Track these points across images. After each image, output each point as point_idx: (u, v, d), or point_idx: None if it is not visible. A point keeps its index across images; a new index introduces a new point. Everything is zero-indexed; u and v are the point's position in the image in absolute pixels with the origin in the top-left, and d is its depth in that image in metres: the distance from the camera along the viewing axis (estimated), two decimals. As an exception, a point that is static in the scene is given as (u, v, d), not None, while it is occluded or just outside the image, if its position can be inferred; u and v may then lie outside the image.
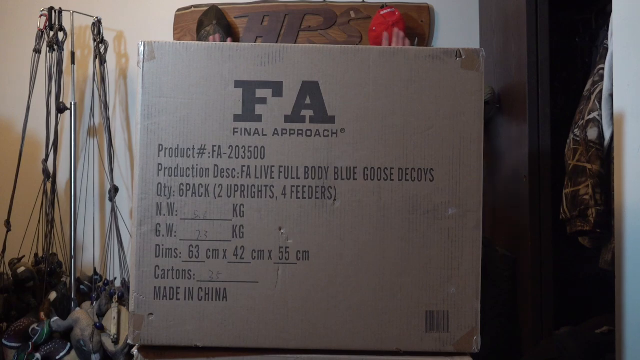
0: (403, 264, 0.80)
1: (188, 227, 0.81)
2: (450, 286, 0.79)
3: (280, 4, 2.32)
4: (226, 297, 0.80)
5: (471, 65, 0.82)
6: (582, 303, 1.88)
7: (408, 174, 0.80)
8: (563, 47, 1.92)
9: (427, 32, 2.31)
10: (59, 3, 2.21)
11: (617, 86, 1.22)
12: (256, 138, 0.81)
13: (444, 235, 0.79)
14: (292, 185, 0.81)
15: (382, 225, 0.80)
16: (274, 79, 0.82)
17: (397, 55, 0.82)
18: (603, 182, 1.49)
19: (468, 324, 0.79)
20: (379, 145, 0.81)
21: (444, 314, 0.79)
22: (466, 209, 0.79)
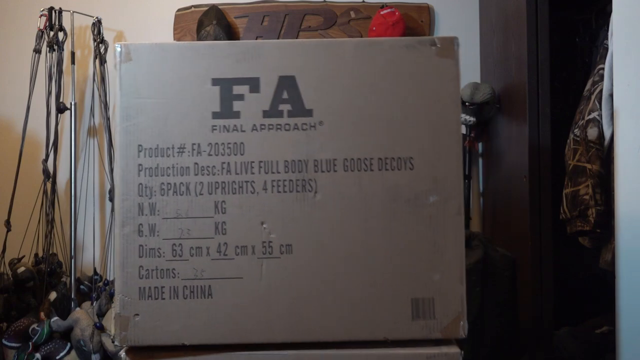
0: (386, 253, 0.80)
1: (170, 226, 0.81)
2: (435, 273, 0.79)
3: (280, 4, 2.32)
4: (211, 294, 0.80)
5: (447, 53, 0.84)
6: (582, 303, 1.88)
7: (388, 163, 0.80)
8: (563, 47, 1.92)
9: (427, 32, 2.31)
10: (59, 3, 2.21)
11: (617, 86, 1.22)
12: (235, 134, 0.81)
13: (426, 223, 0.79)
14: (272, 180, 0.81)
15: (363, 216, 0.80)
16: (250, 75, 0.82)
17: (373, 47, 0.83)
18: (603, 182, 1.49)
19: (454, 310, 0.79)
20: (357, 136, 0.81)
21: (429, 301, 0.79)
22: (447, 196, 0.80)
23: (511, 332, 1.89)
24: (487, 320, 1.84)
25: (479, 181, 2.32)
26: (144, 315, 0.80)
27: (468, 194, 2.22)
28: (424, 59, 0.82)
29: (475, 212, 2.28)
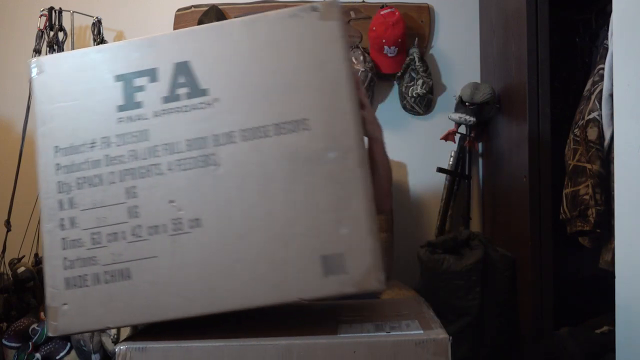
0: (291, 215, 0.81)
1: (88, 217, 0.86)
2: (342, 227, 0.80)
3: (280, 4, 2.32)
4: (130, 276, 0.84)
5: (329, 16, 0.85)
6: (582, 303, 1.88)
7: (283, 127, 0.83)
8: (563, 47, 1.92)
9: (427, 32, 2.31)
10: (59, 3, 2.21)
11: (617, 86, 1.22)
12: (139, 123, 0.87)
13: (327, 179, 0.81)
14: (176, 160, 0.85)
15: (265, 182, 0.82)
16: (149, 67, 0.88)
17: (258, 22, 0.87)
18: (603, 182, 1.49)
19: (366, 262, 0.79)
20: (252, 106, 0.84)
21: (339, 256, 0.79)
22: (346, 150, 0.81)
23: (511, 332, 1.89)
24: (487, 320, 1.84)
25: (479, 181, 2.32)
26: (71, 304, 0.85)
27: (468, 194, 2.22)
28: (307, 25, 0.85)
29: (475, 212, 2.28)
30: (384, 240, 2.03)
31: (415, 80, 2.22)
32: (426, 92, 2.23)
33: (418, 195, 2.32)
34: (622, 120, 1.18)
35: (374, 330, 0.84)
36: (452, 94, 2.27)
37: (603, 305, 1.62)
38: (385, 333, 0.83)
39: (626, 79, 1.16)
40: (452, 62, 2.33)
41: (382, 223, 2.03)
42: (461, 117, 2.09)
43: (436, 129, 2.26)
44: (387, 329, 0.85)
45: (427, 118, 2.32)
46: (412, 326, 0.85)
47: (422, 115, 2.30)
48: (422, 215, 2.31)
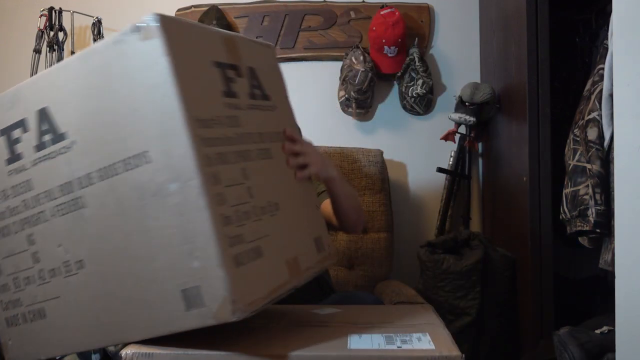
0: (150, 251, 0.81)
1: (8, 264, 0.94)
2: (194, 260, 0.78)
3: (280, 4, 2.32)
4: (45, 315, 0.91)
5: (149, 34, 0.82)
6: (582, 303, 1.88)
7: (129, 163, 0.81)
8: (563, 47, 1.92)
9: (427, 32, 2.32)
10: (59, 3, 2.21)
11: (617, 86, 1.21)
12: (23, 174, 0.91)
13: (174, 212, 0.78)
14: (55, 206, 0.88)
15: (124, 220, 0.82)
16: (20, 118, 0.91)
17: (91, 54, 0.85)
18: (603, 182, 1.49)
19: (220, 294, 0.77)
20: (102, 145, 0.83)
21: (197, 289, 0.78)
22: (186, 180, 0.77)
23: (511, 332, 1.89)
24: (487, 320, 1.85)
25: (479, 181, 2.32)
26: (13, 340, 0.95)
27: (468, 194, 2.22)
28: (132, 49, 0.81)
29: (475, 212, 2.28)
30: (384, 240, 2.03)
31: (415, 80, 2.22)
32: (426, 92, 2.23)
33: (418, 195, 2.32)
34: (622, 120, 1.18)
35: (384, 343, 0.83)
36: (452, 94, 2.27)
37: (603, 305, 1.62)
38: (396, 347, 0.82)
39: (626, 79, 1.15)
40: (452, 62, 2.33)
41: (382, 223, 2.03)
42: (461, 117, 2.09)
43: (436, 129, 2.26)
44: (397, 342, 0.84)
45: (427, 118, 2.32)
46: (424, 340, 0.84)
47: (422, 115, 2.31)
48: (422, 215, 2.31)
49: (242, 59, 0.97)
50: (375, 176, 2.05)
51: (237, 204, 0.83)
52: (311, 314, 1.05)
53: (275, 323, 0.97)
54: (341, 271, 2.00)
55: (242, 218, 0.83)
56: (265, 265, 0.86)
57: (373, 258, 2.00)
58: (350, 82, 2.17)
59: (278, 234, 0.92)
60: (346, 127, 2.32)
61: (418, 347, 0.81)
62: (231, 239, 0.79)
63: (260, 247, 0.85)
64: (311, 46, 2.31)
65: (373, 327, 0.93)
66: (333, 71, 2.31)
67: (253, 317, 0.81)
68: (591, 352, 1.34)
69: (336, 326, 0.95)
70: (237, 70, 0.95)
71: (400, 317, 1.03)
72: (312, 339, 0.86)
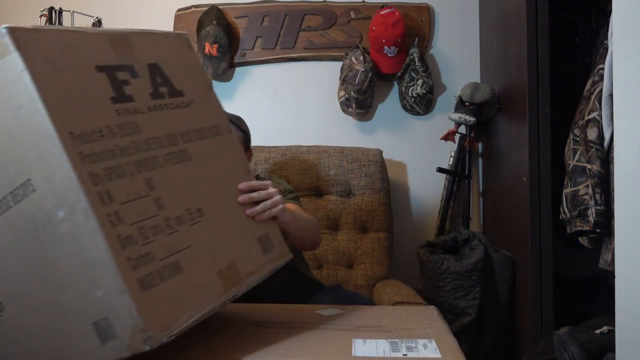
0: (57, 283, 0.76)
1: None
2: (98, 290, 0.73)
3: (280, 4, 2.32)
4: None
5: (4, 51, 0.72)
6: (582, 303, 1.88)
7: (17, 194, 0.76)
8: (563, 47, 1.92)
9: (427, 32, 2.31)
10: (59, 3, 2.21)
11: (616, 86, 1.22)
12: None
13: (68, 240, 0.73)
14: None
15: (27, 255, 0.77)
16: None
17: None
18: (603, 182, 1.49)
19: (128, 324, 0.71)
20: None
21: (106, 320, 0.73)
22: (72, 204, 0.71)
23: (511, 332, 1.89)
24: (487, 320, 1.85)
25: (479, 181, 2.32)
26: None
27: (468, 194, 2.22)
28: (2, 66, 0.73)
29: (475, 212, 2.28)
30: (384, 240, 2.03)
31: (415, 80, 2.22)
32: (426, 92, 2.23)
33: (418, 195, 2.32)
34: (622, 120, 1.18)
35: (389, 350, 0.82)
36: (452, 94, 2.27)
37: (603, 305, 1.62)
38: (402, 355, 0.80)
39: (626, 79, 1.16)
40: (452, 62, 2.33)
41: (382, 223, 2.03)
42: (461, 117, 2.09)
43: (436, 129, 2.26)
44: (403, 349, 0.83)
45: (427, 118, 2.32)
46: (430, 347, 0.83)
47: (422, 115, 2.30)
48: (422, 215, 2.31)
49: (139, 56, 0.90)
50: (375, 176, 2.05)
51: (140, 220, 0.77)
52: (313, 315, 1.04)
53: (277, 325, 0.97)
54: (341, 271, 2.00)
55: (149, 234, 0.77)
56: (188, 281, 0.80)
57: (373, 257, 2.00)
58: (350, 82, 2.17)
59: (204, 243, 0.86)
60: (346, 127, 2.32)
61: (424, 355, 0.80)
62: (134, 261, 0.73)
63: (178, 262, 0.79)
64: (311, 46, 2.31)
65: (377, 331, 0.91)
66: (333, 71, 2.30)
67: (253, 318, 0.80)
68: (591, 352, 1.33)
69: (340, 330, 0.94)
70: (132, 71, 0.87)
71: (405, 320, 1.02)
72: (315, 343, 0.85)
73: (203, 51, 2.23)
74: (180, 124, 0.92)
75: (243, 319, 1.03)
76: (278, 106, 2.35)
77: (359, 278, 1.98)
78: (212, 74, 2.27)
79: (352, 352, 0.82)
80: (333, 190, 2.06)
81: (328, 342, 0.87)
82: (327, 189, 2.06)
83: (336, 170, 2.05)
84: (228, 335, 0.91)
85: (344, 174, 2.05)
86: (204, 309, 0.80)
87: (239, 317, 1.04)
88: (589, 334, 1.38)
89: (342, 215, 2.04)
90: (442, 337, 0.88)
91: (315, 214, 2.04)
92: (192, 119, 0.96)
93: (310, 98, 2.34)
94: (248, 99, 2.35)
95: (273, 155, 2.07)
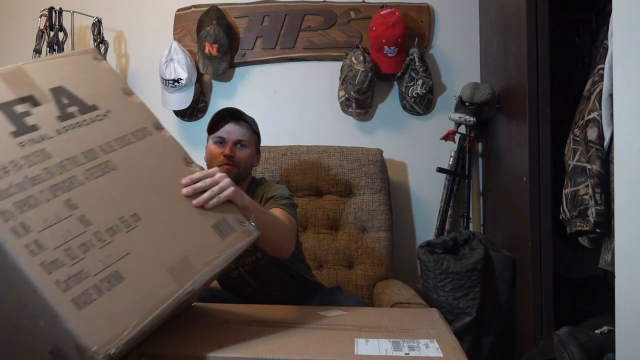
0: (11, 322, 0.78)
1: None
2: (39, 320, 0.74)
3: (280, 4, 2.32)
4: None
5: None
6: (582, 303, 1.88)
7: None
8: (563, 47, 1.92)
9: (427, 32, 2.32)
10: (59, 3, 2.21)
11: (616, 86, 1.22)
12: None
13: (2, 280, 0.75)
14: None
15: None
16: None
17: None
18: (603, 182, 1.49)
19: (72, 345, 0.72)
20: None
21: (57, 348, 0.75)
22: None
23: (511, 332, 1.89)
24: (487, 320, 1.85)
25: (479, 181, 2.32)
26: None
27: (468, 193, 2.22)
28: None
29: (475, 212, 2.28)
30: (384, 239, 2.03)
31: (415, 80, 2.22)
32: (426, 92, 2.23)
33: (418, 195, 2.32)
34: (622, 120, 1.18)
35: (391, 349, 0.82)
36: (452, 94, 2.27)
37: (603, 305, 1.62)
38: (404, 354, 0.81)
39: (626, 79, 1.16)
40: (452, 62, 2.33)
41: (382, 222, 2.03)
42: (461, 117, 2.09)
43: (436, 129, 2.26)
44: (405, 348, 0.83)
45: (427, 118, 2.32)
46: (432, 347, 0.83)
47: (422, 115, 2.31)
48: (422, 215, 2.31)
49: (39, 84, 0.92)
50: (375, 175, 2.05)
51: (65, 242, 0.78)
52: (317, 315, 1.05)
53: (280, 324, 0.97)
54: (341, 271, 2.00)
55: (78, 253, 0.78)
56: (132, 287, 0.81)
57: (373, 257, 2.00)
58: (350, 82, 2.17)
59: (146, 246, 0.86)
60: (346, 127, 2.32)
61: (426, 354, 0.80)
62: (65, 283, 0.74)
63: (117, 272, 0.81)
64: (311, 46, 2.31)
65: (379, 331, 0.92)
66: (333, 71, 2.31)
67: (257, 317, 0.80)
68: (591, 352, 1.34)
69: (342, 330, 0.94)
70: (33, 100, 0.89)
71: (406, 321, 1.02)
72: (319, 342, 0.85)
73: (203, 51, 2.23)
74: (98, 138, 0.93)
75: (246, 318, 1.03)
76: (278, 106, 2.35)
77: (359, 278, 1.98)
78: (212, 73, 2.27)
79: (355, 351, 0.82)
80: (333, 190, 2.06)
81: (331, 341, 0.87)
82: (327, 188, 2.06)
83: (336, 170, 2.05)
84: (229, 335, 0.91)
85: (344, 174, 2.05)
86: (157, 310, 0.81)
87: (242, 316, 1.05)
88: (589, 334, 1.38)
89: (342, 215, 2.04)
90: (443, 338, 0.88)
91: (315, 214, 2.04)
92: (112, 129, 0.97)
93: (310, 98, 2.34)
94: (248, 99, 2.35)
95: (273, 155, 2.07)
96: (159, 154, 1.01)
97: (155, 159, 1.00)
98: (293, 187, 2.05)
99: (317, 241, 2.02)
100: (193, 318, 1.03)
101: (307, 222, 2.04)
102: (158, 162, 1.00)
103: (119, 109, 1.01)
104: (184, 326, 0.97)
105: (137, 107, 1.05)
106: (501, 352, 1.88)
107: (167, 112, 2.32)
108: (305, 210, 2.03)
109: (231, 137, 1.55)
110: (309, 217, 2.04)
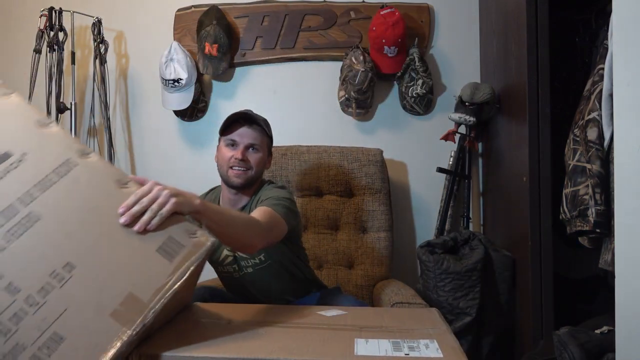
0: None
1: None
2: None
3: (280, 4, 2.32)
4: None
5: None
6: (582, 303, 1.88)
7: None
8: (563, 47, 1.92)
9: (427, 32, 2.32)
10: (59, 3, 2.21)
11: (616, 86, 1.22)
12: None
13: None
14: None
15: None
16: None
17: None
18: (603, 182, 1.49)
19: None
20: None
21: None
22: None
23: (511, 332, 1.89)
24: (487, 320, 1.85)
25: (479, 181, 2.32)
26: None
27: (468, 193, 2.22)
28: None
29: (475, 212, 2.28)
30: (384, 240, 2.03)
31: (415, 80, 2.22)
32: (426, 92, 2.23)
33: (418, 195, 2.32)
34: (622, 120, 1.18)
35: (391, 350, 0.82)
36: (452, 94, 2.27)
37: (603, 305, 1.62)
38: (404, 354, 0.80)
39: (626, 79, 1.16)
40: (452, 62, 2.33)
41: (382, 222, 2.03)
42: (461, 117, 2.09)
43: (436, 129, 2.26)
44: (405, 348, 0.83)
45: (427, 118, 2.32)
46: (432, 347, 0.83)
47: (422, 115, 2.31)
48: (422, 215, 2.31)
49: None
50: (375, 175, 2.05)
51: None
52: (316, 315, 1.05)
53: (280, 324, 0.97)
54: (341, 271, 2.00)
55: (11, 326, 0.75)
56: (75, 344, 0.77)
57: (373, 257, 2.00)
58: (350, 82, 2.17)
59: (84, 295, 0.81)
60: (346, 127, 2.32)
61: (426, 354, 0.80)
62: None
63: (56, 333, 0.77)
64: (311, 46, 2.31)
65: (379, 331, 0.92)
66: (333, 71, 2.31)
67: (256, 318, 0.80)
68: (591, 352, 1.34)
69: (342, 330, 0.94)
70: None
71: (406, 321, 1.02)
72: (318, 343, 0.85)
73: (203, 51, 2.23)
74: (16, 189, 0.87)
75: (247, 318, 1.03)
76: (278, 106, 2.35)
77: (359, 278, 1.98)
78: (212, 74, 2.27)
79: (355, 351, 0.82)
80: (333, 190, 2.06)
81: (330, 342, 0.87)
82: (327, 189, 2.06)
83: (336, 170, 2.05)
84: (229, 335, 0.91)
85: (344, 174, 2.05)
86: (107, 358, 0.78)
87: (243, 316, 1.05)
88: (589, 334, 1.38)
89: (342, 215, 2.04)
90: (443, 338, 0.88)
91: (316, 214, 2.04)
92: (30, 174, 0.89)
93: (310, 98, 2.34)
94: (248, 99, 2.35)
95: (273, 156, 2.07)
96: (88, 186, 0.92)
97: (85, 193, 0.91)
98: (293, 187, 2.05)
99: (317, 241, 2.02)
100: (194, 318, 1.03)
101: (308, 222, 2.04)
102: (88, 195, 0.91)
103: (36, 148, 0.92)
104: (184, 326, 0.97)
105: (56, 139, 0.95)
106: (501, 352, 1.89)
107: (167, 112, 2.32)
108: (305, 211, 2.03)
109: (244, 140, 1.55)
110: (309, 217, 2.04)
